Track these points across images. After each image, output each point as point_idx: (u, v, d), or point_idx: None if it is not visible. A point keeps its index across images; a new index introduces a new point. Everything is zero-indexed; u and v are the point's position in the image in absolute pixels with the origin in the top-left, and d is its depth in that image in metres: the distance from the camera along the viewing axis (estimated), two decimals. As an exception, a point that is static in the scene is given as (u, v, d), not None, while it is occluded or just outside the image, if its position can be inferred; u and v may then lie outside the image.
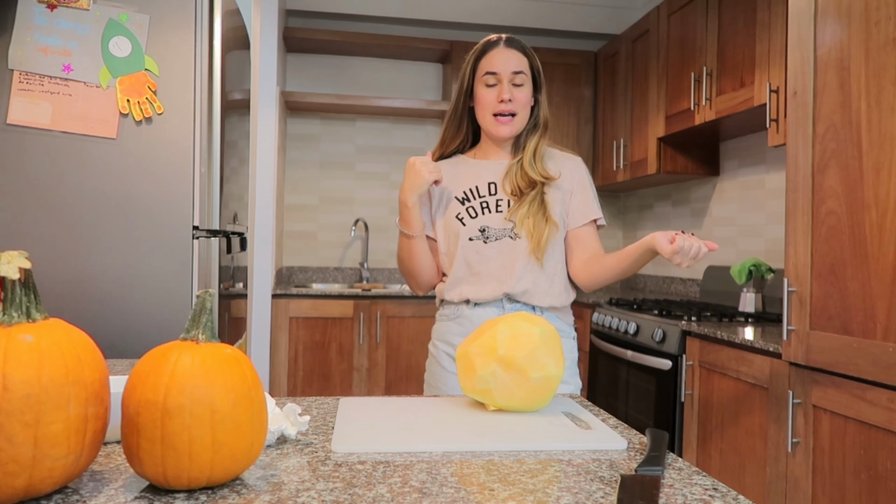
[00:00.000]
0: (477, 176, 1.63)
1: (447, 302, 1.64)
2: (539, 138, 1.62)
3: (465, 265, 1.59)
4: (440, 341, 1.65)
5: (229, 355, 0.68)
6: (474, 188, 1.62)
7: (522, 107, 1.58)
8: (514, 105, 1.56)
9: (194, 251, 1.87)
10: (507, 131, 1.58)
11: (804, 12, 1.77)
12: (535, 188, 1.57)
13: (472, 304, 1.59)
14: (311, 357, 3.52)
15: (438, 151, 1.69)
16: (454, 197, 1.63)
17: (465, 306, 1.60)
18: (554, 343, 0.98)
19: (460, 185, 1.63)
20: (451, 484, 0.70)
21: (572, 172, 1.64)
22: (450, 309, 1.63)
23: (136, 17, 1.83)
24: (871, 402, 1.54)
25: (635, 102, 3.61)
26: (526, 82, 1.58)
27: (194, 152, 1.86)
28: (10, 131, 1.78)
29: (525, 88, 1.58)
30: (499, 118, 1.57)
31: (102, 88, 1.81)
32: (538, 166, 1.59)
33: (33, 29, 1.78)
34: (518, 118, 1.58)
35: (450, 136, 1.68)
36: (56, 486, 0.63)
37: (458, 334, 1.60)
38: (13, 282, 0.63)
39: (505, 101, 1.55)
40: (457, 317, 1.61)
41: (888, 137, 1.51)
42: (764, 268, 2.75)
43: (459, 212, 1.60)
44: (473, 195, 1.61)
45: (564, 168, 1.63)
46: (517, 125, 1.59)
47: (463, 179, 1.64)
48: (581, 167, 1.67)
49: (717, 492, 0.69)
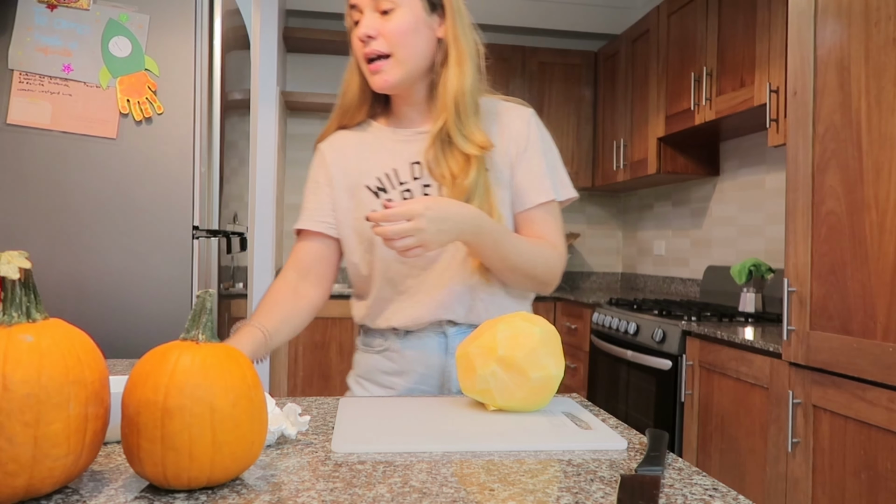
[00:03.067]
0: (394, 153, 1.19)
1: (369, 329, 1.25)
2: (455, 81, 1.13)
3: (386, 281, 1.19)
4: (366, 380, 1.26)
5: (229, 355, 0.68)
6: (391, 172, 1.18)
7: (398, 43, 1.10)
8: (383, 42, 1.11)
9: (194, 251, 1.87)
10: (381, 80, 1.13)
11: (804, 12, 1.77)
12: (475, 166, 1.12)
13: (402, 333, 1.20)
14: (311, 357, 3.52)
15: (334, 125, 1.26)
16: (364, 185, 1.19)
17: (393, 336, 1.21)
18: (554, 343, 0.98)
19: (372, 166, 1.19)
20: (451, 484, 0.70)
21: (514, 134, 1.20)
22: (374, 338, 1.25)
23: (136, 17, 1.83)
24: (871, 402, 1.54)
25: (635, 102, 3.61)
26: (400, 5, 1.10)
27: (194, 152, 1.86)
28: (10, 131, 1.78)
29: (398, 15, 1.10)
30: (370, 65, 1.13)
31: (102, 88, 1.81)
32: (472, 132, 1.12)
33: (33, 29, 1.78)
34: (396, 60, 1.11)
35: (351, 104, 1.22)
36: (56, 486, 0.63)
37: (390, 372, 1.22)
38: (13, 282, 0.63)
39: (363, 38, 1.11)
40: (384, 349, 1.23)
41: (888, 137, 1.51)
42: (764, 268, 2.75)
43: (375, 208, 1.17)
44: (391, 182, 1.18)
45: (508, 127, 1.20)
46: (396, 70, 1.12)
47: (375, 158, 1.20)
48: (529, 122, 1.22)
49: (717, 492, 0.69)
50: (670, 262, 3.92)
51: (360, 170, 1.20)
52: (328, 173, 1.24)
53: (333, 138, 1.26)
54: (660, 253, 4.03)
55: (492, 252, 1.09)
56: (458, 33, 1.15)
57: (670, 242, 3.92)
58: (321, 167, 1.26)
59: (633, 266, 4.40)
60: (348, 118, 1.24)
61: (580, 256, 4.52)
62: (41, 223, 1.80)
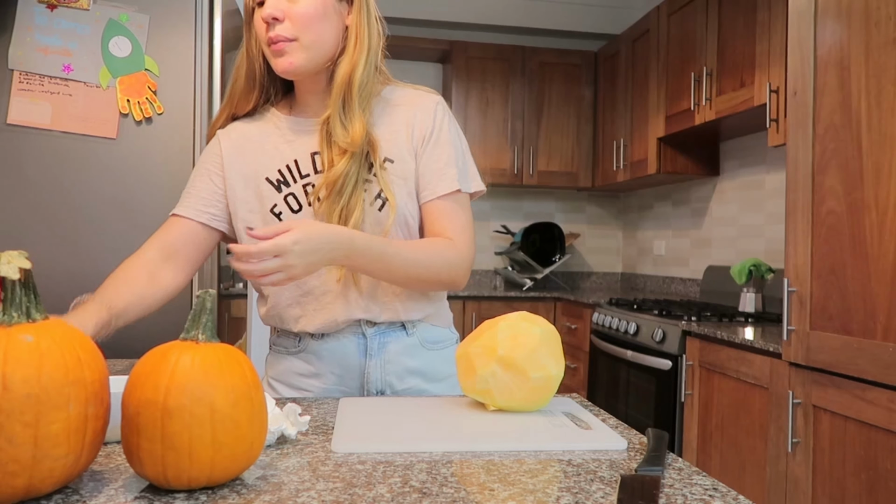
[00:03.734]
0: (293, 144, 1.14)
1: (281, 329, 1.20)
2: (348, 72, 1.08)
3: (291, 289, 1.13)
4: (280, 382, 1.19)
5: (229, 355, 0.68)
6: (293, 164, 1.12)
7: (303, 27, 1.06)
8: (288, 26, 1.06)
9: (194, 251, 1.87)
10: (285, 63, 1.07)
11: (804, 12, 1.77)
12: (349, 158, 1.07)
13: (318, 335, 1.15)
14: (311, 357, 3.52)
15: (225, 113, 1.19)
16: (265, 178, 1.13)
17: (308, 338, 1.16)
18: (554, 343, 0.98)
19: (272, 158, 1.13)
20: (451, 484, 0.70)
21: (419, 122, 1.14)
22: (288, 338, 1.19)
23: (136, 17, 1.83)
24: (872, 402, 1.54)
25: (635, 102, 3.61)
26: None
27: (194, 152, 1.86)
28: (10, 131, 1.78)
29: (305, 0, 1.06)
30: (272, 47, 1.07)
31: (102, 88, 1.81)
32: (352, 124, 1.07)
33: (33, 29, 1.78)
34: (300, 44, 1.06)
35: (240, 91, 1.16)
36: (56, 486, 0.63)
37: (306, 374, 1.17)
38: (13, 282, 0.63)
39: (267, 20, 1.05)
40: (299, 350, 1.17)
41: (888, 137, 1.51)
42: (764, 268, 2.75)
43: (276, 203, 1.12)
44: (293, 175, 1.12)
45: (413, 117, 1.14)
46: (299, 53, 1.07)
47: (275, 149, 1.14)
48: (432, 111, 1.15)
49: (717, 492, 0.69)
50: (670, 262, 3.92)
51: (259, 162, 1.14)
52: (221, 163, 1.17)
53: (231, 128, 1.19)
54: (660, 253, 4.03)
55: (373, 268, 1.04)
56: (361, 22, 1.10)
57: (670, 242, 3.92)
58: (214, 155, 1.18)
59: (633, 266, 4.40)
60: (239, 106, 1.18)
61: (580, 256, 4.52)
62: (41, 223, 1.80)
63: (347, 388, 1.19)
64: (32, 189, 1.80)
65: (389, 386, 1.19)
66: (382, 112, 1.15)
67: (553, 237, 4.15)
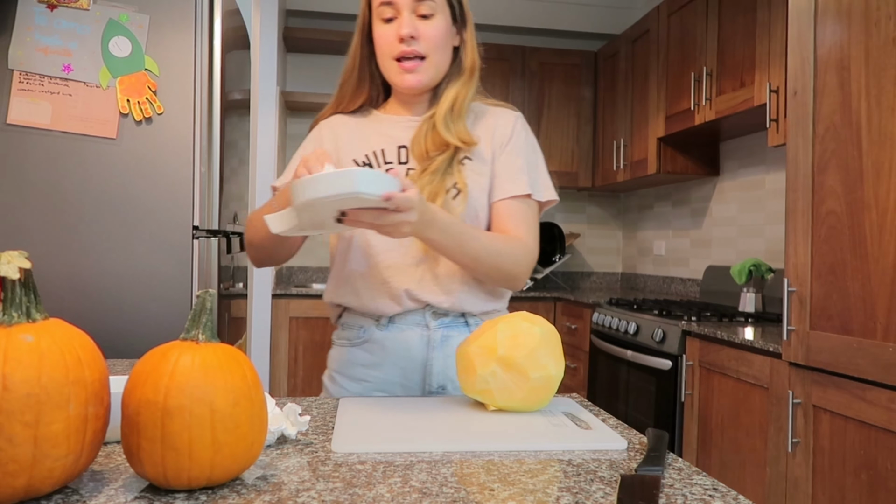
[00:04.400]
0: (385, 135, 1.24)
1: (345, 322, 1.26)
2: (462, 88, 1.20)
3: (364, 260, 1.19)
4: (340, 374, 1.25)
5: (229, 355, 0.68)
6: (379, 151, 1.22)
7: (434, 47, 1.16)
8: (422, 44, 1.15)
9: (194, 251, 1.87)
10: (414, 80, 1.17)
11: (804, 12, 1.77)
12: (447, 153, 1.17)
13: (382, 324, 1.20)
14: (311, 357, 3.52)
15: (331, 111, 1.30)
16: (352, 159, 1.22)
17: (373, 326, 1.21)
18: (554, 343, 0.98)
19: (362, 144, 1.23)
20: (451, 484, 0.70)
21: (498, 130, 1.24)
22: (352, 330, 1.24)
23: (136, 17, 1.83)
24: (871, 402, 1.54)
25: (635, 102, 3.61)
26: (437, 11, 1.16)
27: (194, 152, 1.87)
28: (10, 131, 1.78)
29: (436, 21, 1.16)
30: (402, 63, 1.16)
31: (102, 88, 1.81)
32: (456, 126, 1.18)
33: (33, 29, 1.78)
34: (430, 63, 1.17)
35: (349, 94, 1.27)
36: (56, 486, 0.63)
37: (367, 365, 1.21)
38: (13, 282, 0.63)
39: (405, 38, 1.14)
40: (363, 340, 1.22)
41: (888, 137, 1.51)
42: (764, 268, 2.75)
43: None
44: (377, 159, 1.22)
45: (494, 125, 1.24)
46: (429, 72, 1.18)
47: (367, 138, 1.24)
48: (512, 122, 1.25)
49: (717, 492, 0.69)
50: (670, 262, 3.92)
51: (351, 144, 1.24)
52: (320, 144, 1.27)
53: (332, 119, 1.30)
54: (660, 253, 4.03)
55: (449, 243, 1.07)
56: (472, 46, 1.23)
57: (670, 242, 3.92)
58: (315, 140, 1.28)
59: (633, 266, 4.40)
60: (346, 106, 1.28)
61: (580, 256, 4.52)
62: (41, 223, 1.80)
63: (408, 381, 1.21)
64: (32, 189, 1.80)
65: (451, 381, 1.20)
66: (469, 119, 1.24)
67: (553, 237, 4.15)
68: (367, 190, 0.87)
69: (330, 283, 1.26)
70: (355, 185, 0.86)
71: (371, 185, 0.88)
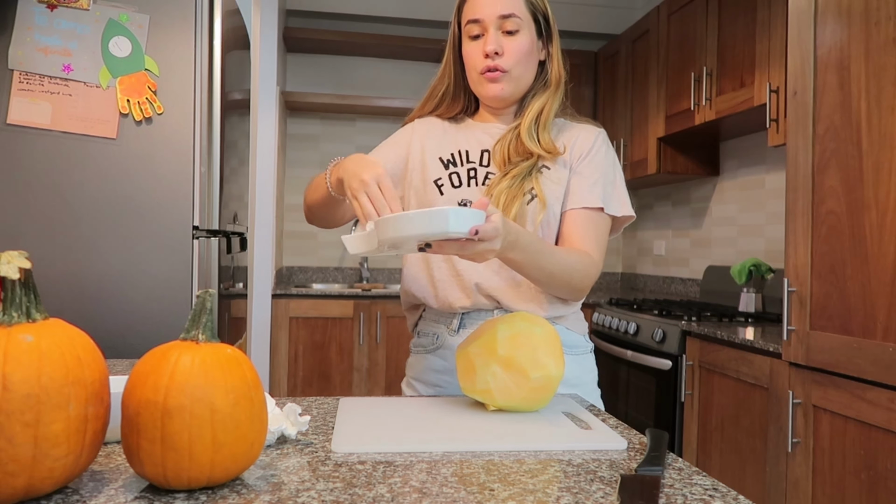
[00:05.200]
0: (471, 138, 1.30)
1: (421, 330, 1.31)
2: (547, 100, 1.25)
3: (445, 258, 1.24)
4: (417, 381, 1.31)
5: (229, 355, 0.68)
6: (463, 151, 1.27)
7: (517, 60, 1.22)
8: (505, 58, 1.21)
9: (194, 251, 1.87)
10: (497, 90, 1.23)
11: (804, 12, 1.77)
12: (529, 161, 1.22)
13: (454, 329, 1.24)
14: (311, 357, 3.52)
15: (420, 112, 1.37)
16: (437, 157, 1.28)
17: (445, 332, 1.25)
18: (554, 343, 0.98)
19: (449, 145, 1.30)
20: (451, 484, 0.70)
21: (579, 143, 1.27)
22: (426, 338, 1.29)
23: (136, 17, 1.83)
24: (871, 402, 1.54)
25: (635, 102, 3.61)
26: (522, 27, 1.22)
27: (194, 152, 1.86)
28: (10, 131, 1.78)
29: (521, 37, 1.22)
30: (487, 75, 1.23)
31: (102, 88, 1.81)
32: (541, 135, 1.23)
33: (33, 29, 1.78)
34: (512, 75, 1.23)
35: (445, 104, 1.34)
36: (56, 486, 0.63)
37: (441, 371, 1.27)
38: (13, 282, 0.63)
39: (490, 54, 1.21)
40: (437, 347, 1.27)
41: (888, 137, 1.51)
42: (764, 268, 2.75)
43: (440, 177, 1.26)
44: (461, 159, 1.27)
45: (575, 138, 1.27)
46: (512, 84, 1.23)
47: (455, 139, 1.31)
48: (593, 137, 1.28)
49: (717, 492, 0.69)
50: (670, 262, 3.92)
51: (439, 142, 1.30)
52: (410, 137, 1.33)
53: (428, 118, 1.36)
54: (660, 253, 4.03)
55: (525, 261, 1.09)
56: (558, 60, 1.27)
57: (670, 242, 3.92)
58: (408, 132, 1.35)
59: (633, 266, 4.40)
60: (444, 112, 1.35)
61: (580, 256, 4.52)
62: (41, 223, 1.80)
63: None
64: (32, 189, 1.80)
65: None
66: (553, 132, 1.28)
67: (553, 237, 4.14)
68: (456, 230, 0.89)
69: (404, 282, 1.31)
70: (445, 227, 0.88)
71: (460, 225, 0.89)
